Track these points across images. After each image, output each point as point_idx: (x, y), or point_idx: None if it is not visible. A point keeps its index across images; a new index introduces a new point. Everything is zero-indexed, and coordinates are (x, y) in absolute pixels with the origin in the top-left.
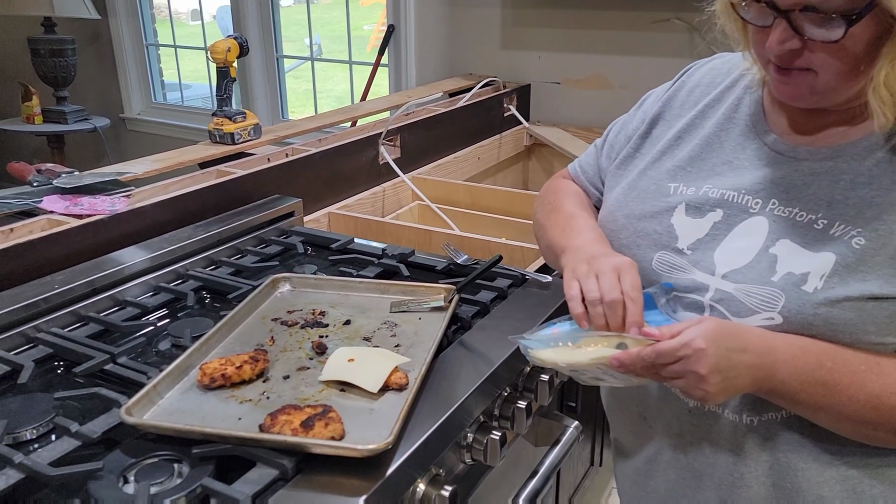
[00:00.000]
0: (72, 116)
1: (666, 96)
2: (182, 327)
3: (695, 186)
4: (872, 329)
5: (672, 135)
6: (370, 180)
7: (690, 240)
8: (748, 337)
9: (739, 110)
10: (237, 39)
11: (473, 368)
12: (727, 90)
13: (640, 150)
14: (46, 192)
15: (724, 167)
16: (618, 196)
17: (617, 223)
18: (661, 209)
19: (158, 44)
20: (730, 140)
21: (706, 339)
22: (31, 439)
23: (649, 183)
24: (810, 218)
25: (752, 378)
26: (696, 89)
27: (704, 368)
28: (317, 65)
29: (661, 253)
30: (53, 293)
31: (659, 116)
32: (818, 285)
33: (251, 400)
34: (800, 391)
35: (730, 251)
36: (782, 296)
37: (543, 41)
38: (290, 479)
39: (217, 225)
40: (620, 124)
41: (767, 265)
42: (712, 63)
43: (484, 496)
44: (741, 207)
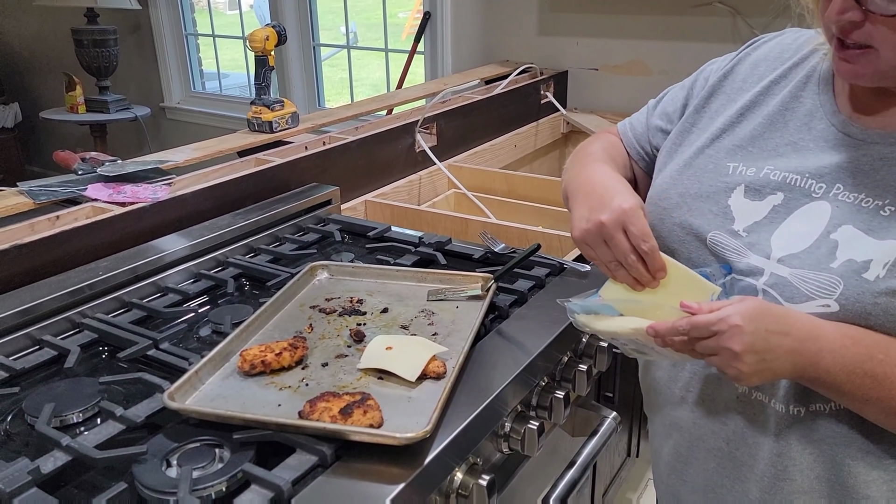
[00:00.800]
0: (114, 106)
1: (728, 67)
2: (222, 314)
3: (755, 167)
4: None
5: (734, 111)
6: (406, 168)
7: (747, 222)
8: (792, 321)
9: (807, 88)
10: (275, 28)
11: (511, 358)
12: (795, 67)
13: (696, 125)
14: (90, 180)
15: (788, 148)
16: (672, 173)
17: (671, 201)
18: (718, 189)
19: (197, 33)
20: (795, 120)
21: (744, 316)
22: (78, 422)
23: (707, 161)
24: (877, 204)
25: (793, 364)
26: (762, 63)
27: (739, 346)
28: (352, 53)
29: (714, 233)
30: (98, 279)
31: (718, 89)
32: (881, 273)
33: (290, 387)
34: (845, 382)
35: (789, 235)
36: (840, 283)
37: (581, 27)
38: (329, 466)
39: (256, 213)
40: (678, 88)
41: (827, 251)
42: (781, 38)
43: (521, 486)
44: (803, 191)
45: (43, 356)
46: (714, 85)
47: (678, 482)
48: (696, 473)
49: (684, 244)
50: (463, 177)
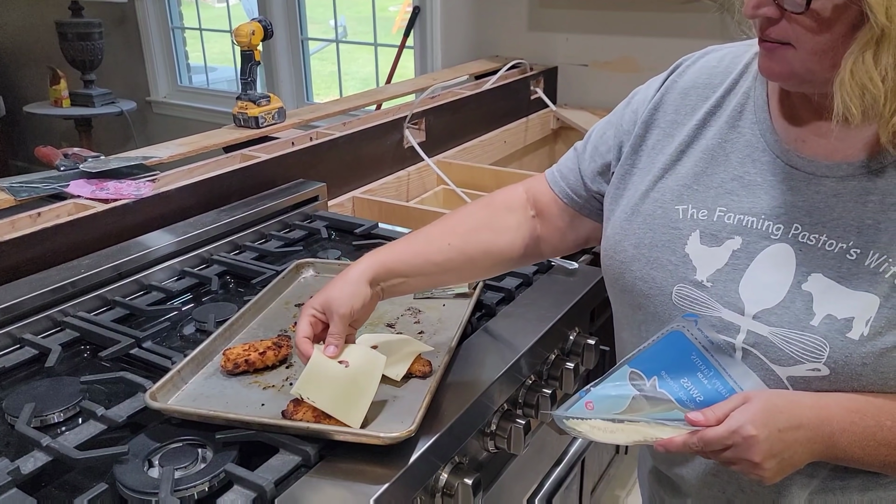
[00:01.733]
0: (99, 100)
1: (657, 98)
2: (206, 312)
3: (706, 209)
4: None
5: (673, 149)
6: (395, 164)
7: (709, 270)
8: (800, 412)
9: (743, 117)
10: (262, 22)
11: (498, 356)
12: (727, 94)
13: (636, 166)
14: (73, 176)
15: (735, 184)
16: (620, 222)
17: (626, 254)
18: (672, 237)
19: (184, 27)
20: (736, 152)
21: (756, 424)
22: (59, 422)
23: (654, 207)
24: (841, 247)
25: (811, 452)
26: (692, 92)
27: (758, 456)
28: (342, 47)
29: (679, 286)
30: (80, 277)
31: (651, 123)
32: (864, 332)
33: (274, 386)
34: (863, 456)
35: (757, 286)
36: (826, 345)
37: (571, 23)
38: (313, 466)
39: (241, 209)
40: (604, 123)
41: (803, 306)
42: (705, 60)
43: (507, 484)
44: (761, 234)
45: (23, 355)
46: (646, 119)
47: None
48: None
49: (650, 299)
50: (452, 173)
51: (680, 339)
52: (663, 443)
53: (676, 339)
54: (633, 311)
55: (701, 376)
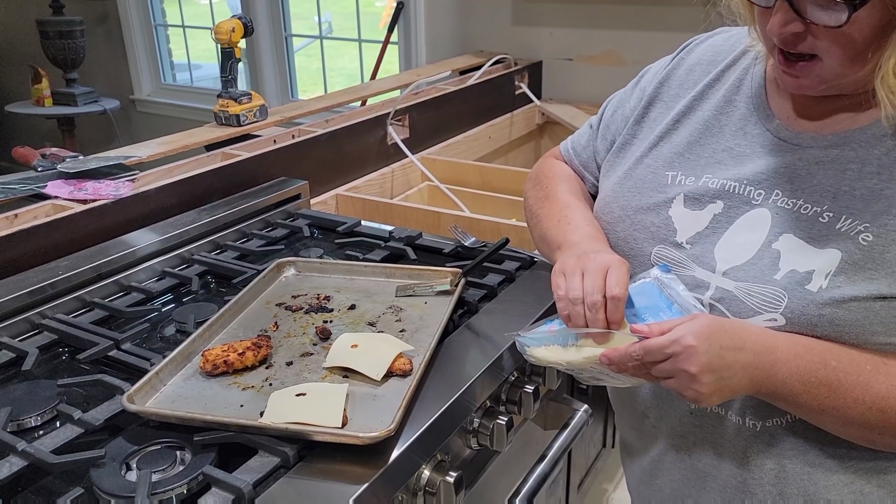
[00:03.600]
0: (81, 98)
1: (664, 74)
2: (186, 313)
3: (693, 176)
4: (880, 329)
5: (670, 119)
6: (378, 161)
7: (690, 233)
8: (745, 335)
9: (740, 92)
10: (242, 20)
11: (480, 353)
12: (727, 69)
13: (636, 136)
14: (51, 176)
15: (724, 154)
16: (613, 186)
17: (613, 215)
18: (658, 201)
19: (167, 24)
20: (730, 125)
21: (698, 336)
22: (35, 426)
23: (646, 172)
24: (815, 210)
25: (750, 378)
26: (696, 68)
27: (695, 367)
28: (328, 43)
29: (659, 247)
30: (58, 279)
31: (656, 97)
32: (823, 284)
33: (254, 387)
34: (802, 392)
35: (731, 246)
36: (785, 296)
37: (555, 17)
38: (292, 467)
39: (222, 208)
40: (616, 102)
41: (770, 262)
42: (713, 39)
43: (491, 481)
44: (743, 199)
45: (0, 358)
46: (652, 94)
47: (648, 491)
48: (663, 483)
49: (629, 258)
50: (436, 169)
51: (648, 288)
52: (607, 353)
53: (644, 288)
54: None
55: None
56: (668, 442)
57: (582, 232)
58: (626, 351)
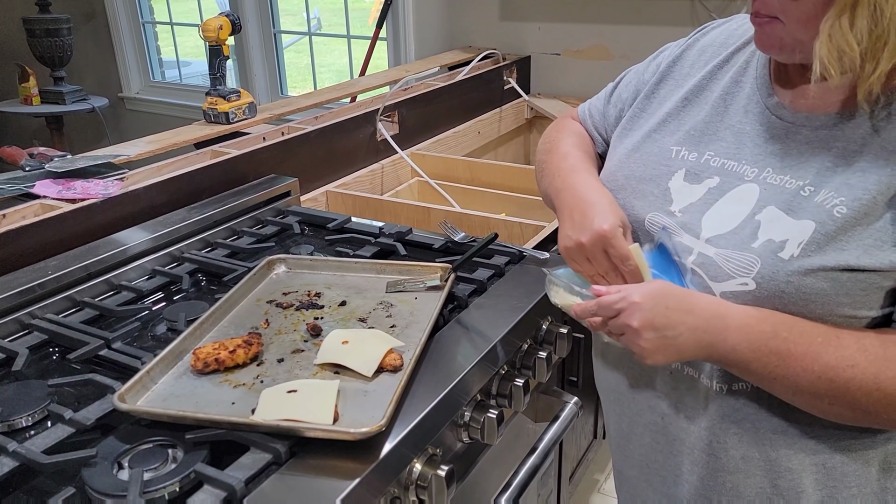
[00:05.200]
0: (70, 97)
1: (678, 53)
2: (177, 311)
3: (697, 152)
4: (846, 301)
5: (679, 97)
6: (368, 157)
7: (683, 203)
8: (696, 300)
9: (747, 73)
10: (229, 17)
11: (470, 347)
12: (737, 52)
13: (645, 110)
14: (39, 176)
15: (727, 132)
16: (621, 157)
17: (617, 183)
18: (661, 172)
19: (155, 21)
20: (735, 104)
21: (643, 294)
22: (26, 427)
23: (653, 146)
24: (798, 184)
25: (697, 341)
26: (708, 49)
27: (637, 322)
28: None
29: (652, 213)
30: (48, 279)
31: (668, 74)
32: (795, 252)
33: (245, 384)
34: (752, 360)
35: (718, 216)
36: (758, 262)
37: (543, 11)
38: (284, 464)
39: (212, 206)
40: (633, 73)
41: (750, 232)
42: (728, 24)
43: (484, 473)
44: (737, 175)
45: None
46: (664, 71)
47: (621, 457)
48: (635, 448)
49: None
50: (426, 165)
51: (666, 256)
52: (574, 307)
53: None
54: None
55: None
56: (644, 404)
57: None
58: (586, 306)
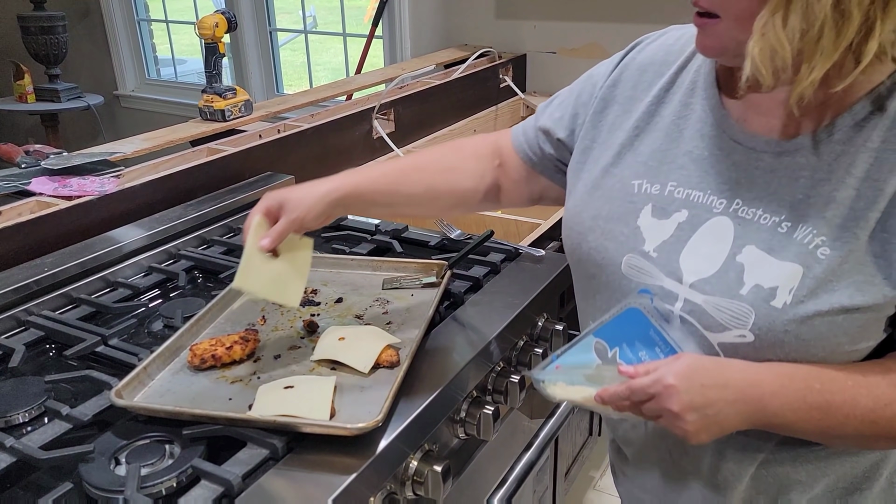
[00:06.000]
0: (65, 94)
1: (615, 75)
2: (174, 308)
3: (659, 184)
4: (845, 340)
5: (630, 125)
6: (364, 155)
7: (656, 242)
8: (729, 373)
9: (695, 94)
10: (225, 14)
11: (466, 343)
12: (681, 70)
13: (596, 141)
14: (35, 173)
15: (686, 159)
16: (582, 195)
17: (584, 225)
18: (627, 210)
19: (150, 18)
20: (689, 128)
21: (677, 375)
22: (23, 423)
23: (614, 182)
24: (774, 220)
25: (738, 414)
26: (649, 68)
27: (677, 406)
28: (313, 37)
29: (628, 256)
30: (44, 275)
31: (610, 99)
32: (787, 300)
33: (242, 380)
34: (796, 420)
35: (696, 257)
36: (752, 312)
37: (538, 10)
38: (281, 459)
39: (208, 204)
40: (566, 93)
41: (735, 276)
42: (664, 38)
43: (480, 469)
44: (705, 207)
45: None
46: (605, 95)
47: (632, 486)
48: (646, 479)
49: (602, 269)
50: None
51: (638, 316)
52: (600, 393)
53: (634, 315)
54: (587, 281)
55: (658, 350)
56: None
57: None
58: (615, 392)
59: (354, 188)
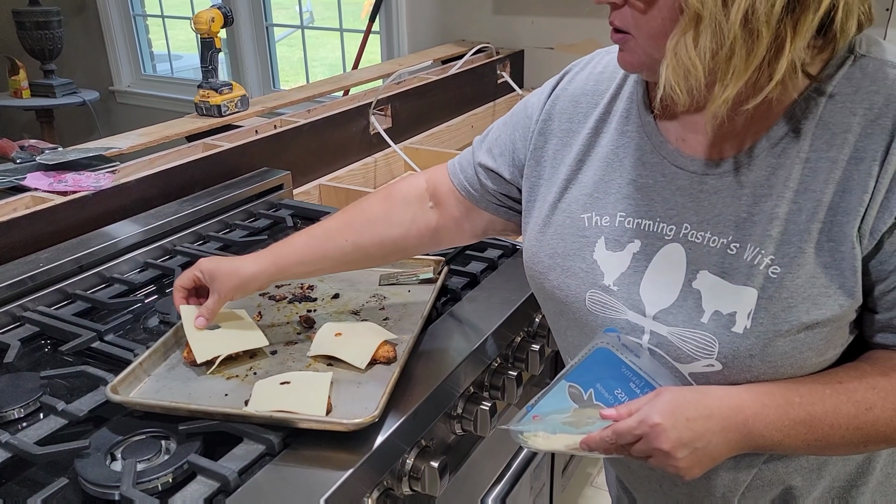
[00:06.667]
0: (60, 90)
1: (548, 107)
2: (169, 303)
3: (608, 215)
4: (811, 354)
5: (572, 159)
6: (361, 151)
7: (615, 275)
8: (710, 402)
9: (629, 122)
10: (221, 9)
11: (463, 340)
12: (613, 99)
13: (542, 177)
14: (30, 168)
15: (630, 187)
16: (536, 235)
17: (543, 264)
18: (581, 245)
19: (146, 14)
20: (628, 156)
21: (662, 413)
22: (19, 418)
23: (563, 217)
24: (722, 242)
25: (727, 442)
26: (581, 99)
27: (667, 444)
28: (309, 32)
29: (590, 291)
30: (39, 271)
31: (547, 132)
32: (747, 325)
33: (238, 376)
34: (783, 438)
35: (654, 287)
36: (716, 341)
37: (536, 5)
38: (277, 454)
39: (204, 199)
40: (500, 124)
41: (694, 304)
42: (591, 66)
43: (476, 465)
44: (656, 235)
45: None
46: (542, 129)
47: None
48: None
49: (567, 306)
50: (419, 159)
51: (607, 355)
52: (585, 440)
53: (604, 355)
54: (557, 318)
55: (633, 386)
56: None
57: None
58: (601, 437)
59: (277, 268)
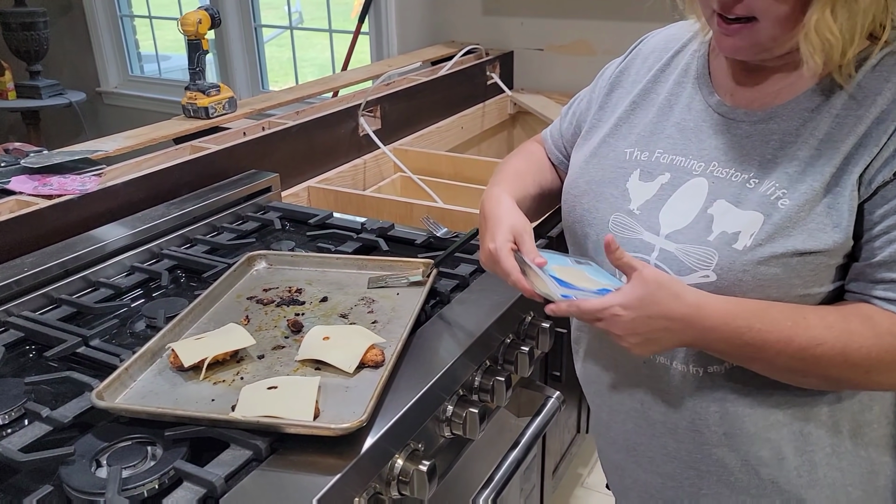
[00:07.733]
0: (46, 91)
1: (623, 65)
2: (156, 308)
3: (648, 151)
4: (798, 282)
5: (628, 102)
6: (350, 152)
7: (640, 201)
8: (677, 308)
9: (688, 74)
10: (208, 11)
11: (452, 342)
12: (676, 55)
13: (601, 121)
14: (14, 172)
15: (674, 129)
16: (580, 164)
17: (579, 189)
18: (618, 174)
19: (133, 14)
20: (679, 103)
21: (626, 307)
22: (3, 425)
23: (609, 150)
24: (743, 177)
25: (678, 340)
26: (651, 55)
27: (619, 330)
28: (298, 32)
29: (615, 214)
30: (24, 276)
31: (616, 85)
32: (747, 243)
33: (225, 381)
34: (728, 349)
35: (673, 212)
36: (716, 254)
37: (525, 6)
38: (265, 460)
39: (192, 202)
40: (584, 92)
41: (705, 225)
42: (667, 31)
43: (466, 468)
44: (686, 170)
45: None
46: (613, 81)
47: (606, 443)
48: (617, 435)
49: (592, 227)
50: (408, 160)
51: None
52: (551, 307)
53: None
54: (581, 243)
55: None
56: (622, 392)
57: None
58: (567, 308)
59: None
